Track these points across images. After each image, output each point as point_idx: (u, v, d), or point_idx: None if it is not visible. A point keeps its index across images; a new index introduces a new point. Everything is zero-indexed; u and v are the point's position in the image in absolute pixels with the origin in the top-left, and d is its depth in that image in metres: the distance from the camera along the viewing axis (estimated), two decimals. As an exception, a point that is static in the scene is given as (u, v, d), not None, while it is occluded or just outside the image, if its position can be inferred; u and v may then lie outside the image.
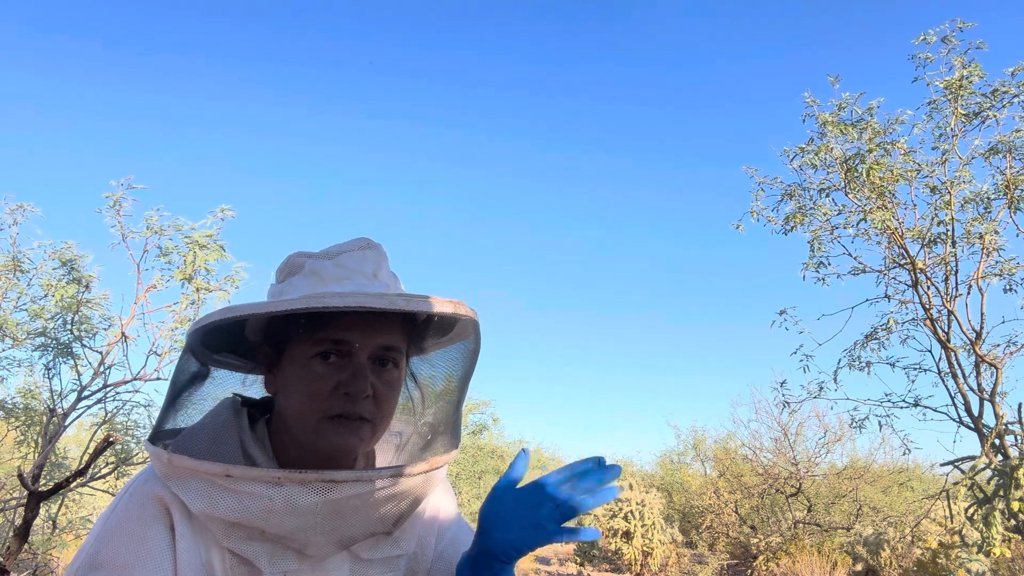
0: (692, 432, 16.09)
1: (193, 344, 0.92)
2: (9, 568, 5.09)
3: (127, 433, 6.71)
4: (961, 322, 6.06)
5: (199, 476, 0.81)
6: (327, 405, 0.86)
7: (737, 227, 7.05)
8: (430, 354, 1.03)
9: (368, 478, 0.81)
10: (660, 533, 11.86)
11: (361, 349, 0.87)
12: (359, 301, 0.81)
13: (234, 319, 0.84)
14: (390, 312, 0.84)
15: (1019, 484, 5.21)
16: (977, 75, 5.84)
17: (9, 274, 6.41)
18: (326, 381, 0.86)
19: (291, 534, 0.82)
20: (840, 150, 6.40)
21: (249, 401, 0.98)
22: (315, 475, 0.79)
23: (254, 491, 0.79)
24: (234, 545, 0.82)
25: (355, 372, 0.87)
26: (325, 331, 0.87)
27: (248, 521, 0.80)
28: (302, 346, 0.88)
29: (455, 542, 1.04)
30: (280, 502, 0.79)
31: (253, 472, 0.79)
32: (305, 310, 0.80)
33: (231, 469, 0.80)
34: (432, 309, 0.85)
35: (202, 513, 0.81)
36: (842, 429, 12.17)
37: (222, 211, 6.21)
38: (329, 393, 0.86)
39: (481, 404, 13.97)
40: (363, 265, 0.92)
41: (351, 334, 0.87)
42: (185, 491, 0.82)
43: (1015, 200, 5.92)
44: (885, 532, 10.48)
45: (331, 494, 0.79)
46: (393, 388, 0.92)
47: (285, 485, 0.79)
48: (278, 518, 0.80)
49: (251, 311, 0.82)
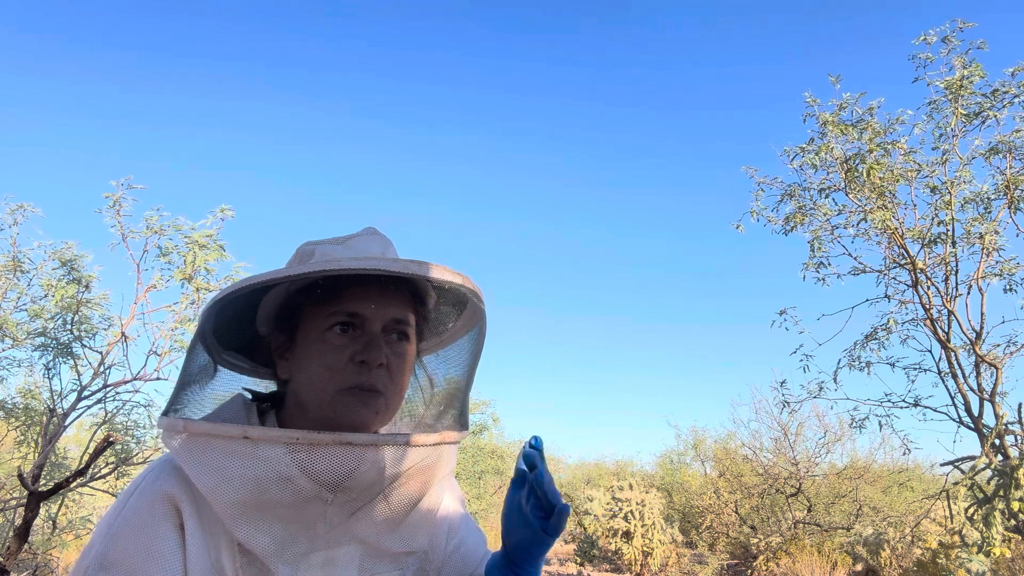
0: (692, 432, 16.10)
1: (206, 325, 0.91)
2: (9, 568, 5.08)
3: (127, 433, 6.70)
4: (961, 322, 6.06)
5: (214, 443, 0.80)
6: (343, 377, 0.87)
7: (737, 227, 7.06)
8: (439, 333, 1.05)
9: (384, 442, 0.81)
10: (660, 533, 11.85)
11: (375, 320, 0.90)
12: (375, 264, 0.82)
13: (253, 287, 0.84)
14: (405, 276, 0.86)
15: (1019, 484, 5.20)
16: (977, 75, 5.83)
17: (9, 274, 6.40)
18: (343, 352, 0.88)
19: (304, 507, 0.81)
20: (840, 150, 6.40)
21: (258, 396, 0.99)
22: (332, 436, 0.79)
23: (271, 455, 0.78)
24: (244, 534, 0.80)
25: (370, 341, 0.89)
26: (340, 303, 0.89)
27: (262, 494, 0.78)
28: (316, 320, 0.90)
29: (465, 542, 1.04)
30: (296, 468, 0.78)
31: (273, 432, 0.79)
32: (323, 272, 0.82)
33: (249, 430, 0.79)
34: (445, 277, 0.87)
35: (212, 493, 0.79)
36: (842, 429, 12.18)
37: (222, 211, 6.22)
38: (345, 364, 0.88)
39: (481, 404, 13.97)
40: (372, 247, 0.95)
41: (365, 305, 0.89)
42: (197, 467, 0.80)
43: (1015, 200, 5.92)
44: (885, 532, 10.47)
45: (348, 459, 0.79)
46: (405, 361, 0.93)
47: (302, 447, 0.78)
48: (292, 486, 0.79)
49: (269, 277, 0.83)
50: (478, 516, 13.20)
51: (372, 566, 0.90)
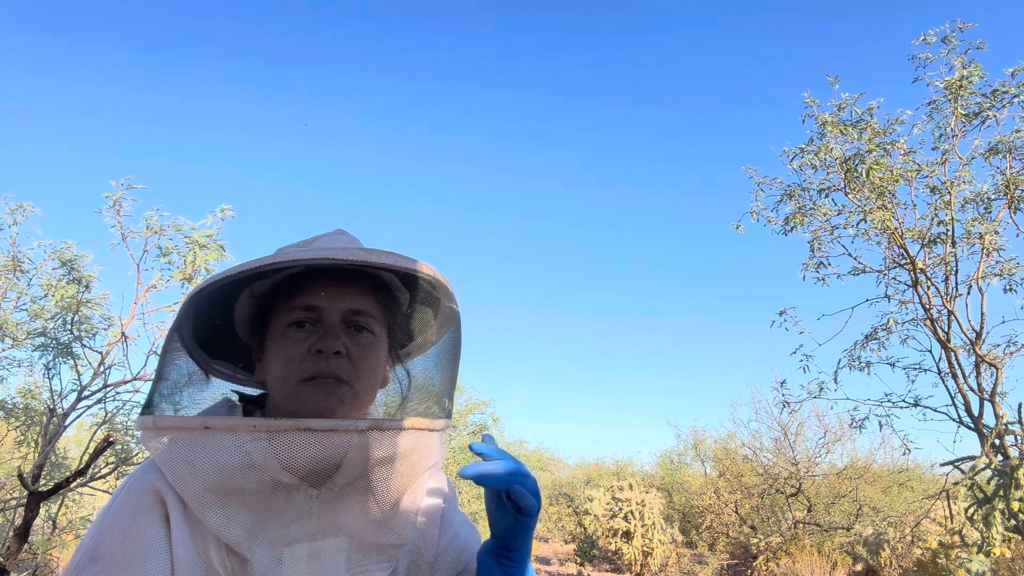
0: (692, 432, 16.11)
1: (187, 342, 0.95)
2: (9, 568, 5.08)
3: (127, 433, 6.70)
4: (961, 322, 6.06)
5: (181, 437, 0.81)
6: (302, 367, 0.89)
7: (737, 227, 7.06)
8: (414, 326, 1.06)
9: (345, 428, 0.81)
10: (660, 533, 11.85)
11: (331, 311, 0.92)
12: (321, 254, 0.84)
13: (203, 294, 0.87)
14: (352, 264, 0.87)
15: (1019, 484, 5.20)
16: (977, 75, 5.84)
17: (9, 274, 6.40)
18: (300, 345, 0.90)
19: (271, 492, 0.82)
20: (840, 150, 6.40)
21: (246, 398, 1.01)
22: (291, 423, 0.80)
23: (230, 443, 0.79)
24: (218, 525, 0.82)
25: (325, 331, 0.91)
26: (297, 298, 0.91)
27: (227, 481, 0.80)
28: (279, 319, 0.93)
29: (459, 536, 1.04)
30: (257, 454, 0.79)
31: (232, 421, 0.81)
32: (265, 267, 0.84)
33: (209, 421, 0.81)
34: (394, 264, 0.88)
35: (182, 485, 0.81)
36: (842, 429, 12.18)
37: (222, 211, 6.21)
38: (304, 355, 0.90)
39: (481, 404, 13.95)
40: (336, 245, 0.96)
41: (320, 298, 0.91)
42: (168, 461, 0.82)
43: (1015, 200, 5.91)
44: (885, 532, 10.47)
45: (310, 445, 0.80)
46: (368, 351, 0.94)
47: (261, 434, 0.79)
48: (256, 472, 0.80)
49: (210, 281, 0.85)
50: (477, 516, 13.19)
51: (360, 559, 0.90)
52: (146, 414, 0.89)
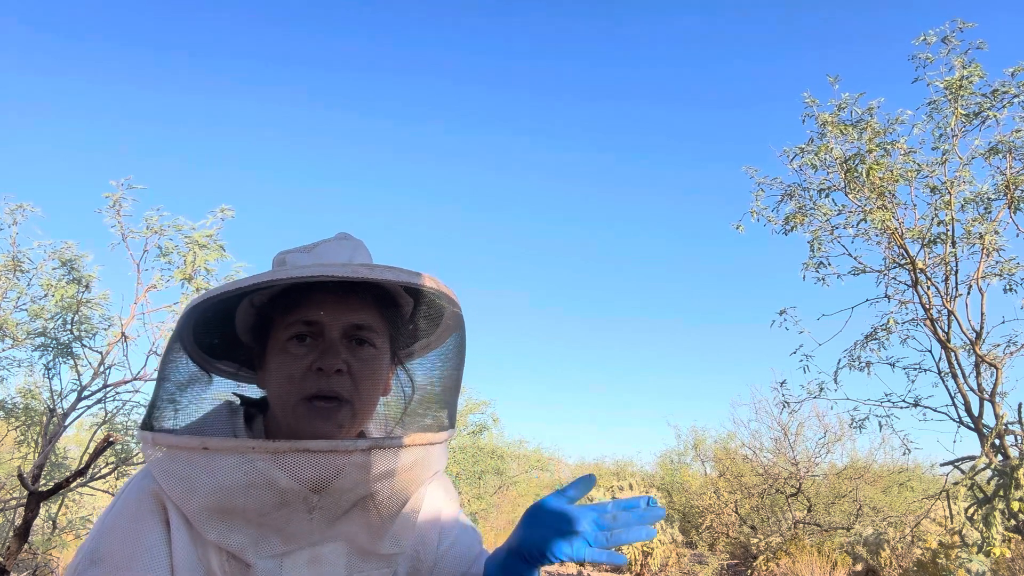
0: (692, 432, 16.09)
1: (188, 346, 0.94)
2: (9, 568, 5.09)
3: (127, 433, 6.70)
4: (961, 322, 6.06)
5: (179, 454, 0.81)
6: (302, 385, 0.87)
7: (737, 227, 7.05)
8: (418, 338, 1.04)
9: (344, 448, 0.80)
10: (660, 533, 11.85)
11: (332, 327, 0.89)
12: (322, 271, 0.82)
13: (201, 309, 0.86)
14: (351, 281, 0.85)
15: (1019, 484, 5.20)
16: (977, 75, 5.83)
17: (9, 274, 6.40)
18: (301, 361, 0.88)
19: (272, 512, 0.81)
20: (840, 150, 6.40)
21: (249, 400, 1.00)
22: (288, 444, 0.79)
23: (229, 464, 0.78)
24: (218, 537, 0.81)
25: (326, 348, 0.89)
26: (297, 312, 0.89)
27: (227, 501, 0.79)
28: (278, 333, 0.91)
29: (459, 542, 1.03)
30: (256, 475, 0.78)
31: (229, 443, 0.80)
32: (264, 284, 0.82)
33: (207, 441, 0.80)
34: (396, 279, 0.85)
35: (181, 500, 0.81)
36: (842, 429, 12.18)
37: (222, 211, 6.21)
38: (304, 373, 0.88)
39: (481, 404, 13.96)
40: (339, 253, 0.95)
41: (320, 313, 0.89)
42: (165, 476, 0.82)
43: (1015, 200, 5.91)
44: (885, 532, 10.47)
45: (310, 465, 0.79)
46: (370, 366, 0.92)
47: (260, 455, 0.78)
48: (257, 493, 0.79)
49: (206, 297, 0.84)
50: (478, 516, 13.19)
51: (360, 564, 0.90)
52: (146, 427, 0.88)
